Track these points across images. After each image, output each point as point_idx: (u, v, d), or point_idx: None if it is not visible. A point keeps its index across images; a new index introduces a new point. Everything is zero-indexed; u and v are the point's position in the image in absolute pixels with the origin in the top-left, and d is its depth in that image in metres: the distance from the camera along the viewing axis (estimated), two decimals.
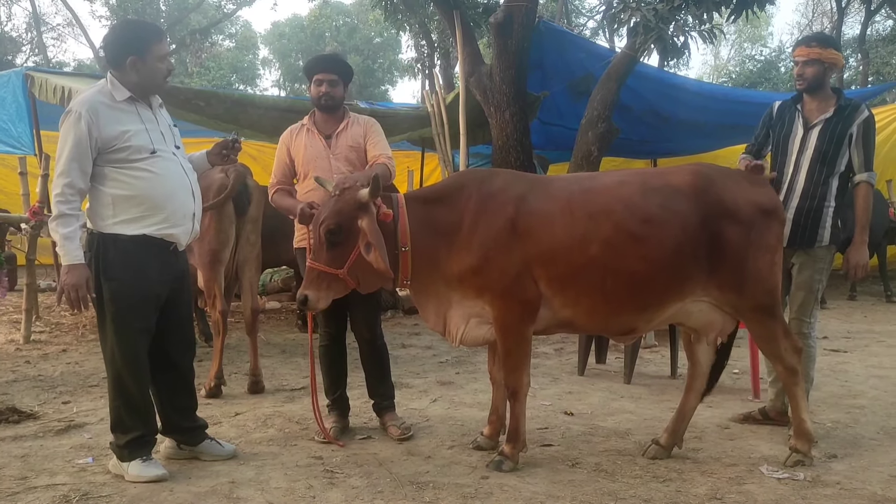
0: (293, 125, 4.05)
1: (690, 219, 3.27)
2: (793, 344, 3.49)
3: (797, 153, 3.85)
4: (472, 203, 3.31)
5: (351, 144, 3.90)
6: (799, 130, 3.86)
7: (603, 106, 7.86)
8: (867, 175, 3.79)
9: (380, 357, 4.02)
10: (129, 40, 3.14)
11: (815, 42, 3.87)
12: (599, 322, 3.45)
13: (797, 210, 3.84)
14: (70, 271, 3.03)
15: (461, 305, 3.35)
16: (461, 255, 3.27)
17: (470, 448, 3.69)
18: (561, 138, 9.30)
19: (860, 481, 3.30)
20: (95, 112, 3.04)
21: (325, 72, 3.91)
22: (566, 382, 5.16)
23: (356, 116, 4.01)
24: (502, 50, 8.08)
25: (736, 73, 30.66)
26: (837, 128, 3.76)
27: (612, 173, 3.84)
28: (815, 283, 3.87)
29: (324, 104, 3.92)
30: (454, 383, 5.09)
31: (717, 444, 3.83)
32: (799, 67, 3.85)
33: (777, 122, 4.00)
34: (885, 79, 19.14)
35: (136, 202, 3.13)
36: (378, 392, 4.04)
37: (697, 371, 3.66)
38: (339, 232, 3.24)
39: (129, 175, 3.11)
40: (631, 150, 11.02)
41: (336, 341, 4.00)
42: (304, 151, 3.90)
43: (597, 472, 3.41)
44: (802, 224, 3.83)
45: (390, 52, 33.22)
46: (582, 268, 3.23)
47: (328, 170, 3.82)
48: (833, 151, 3.77)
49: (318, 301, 3.30)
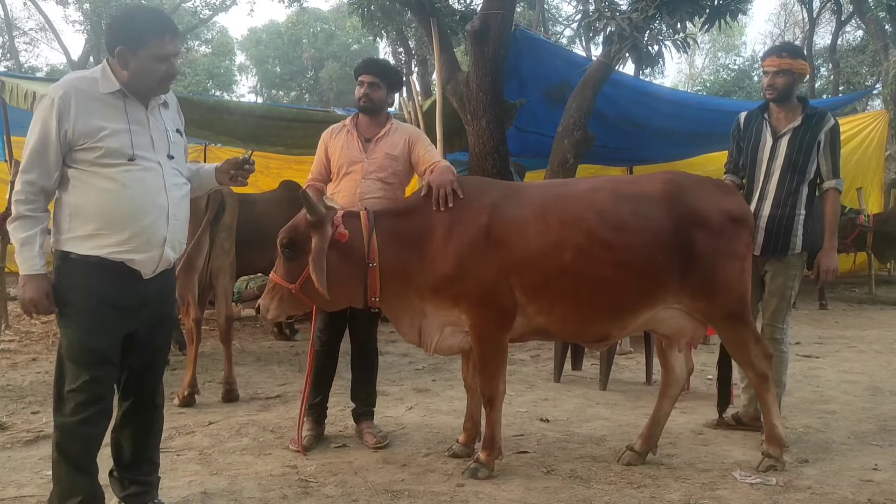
0: (335, 124, 4.03)
1: (662, 226, 3.29)
2: (763, 350, 3.53)
3: (767, 162, 3.90)
4: (445, 212, 3.31)
5: (388, 152, 3.85)
6: (768, 140, 3.91)
7: (579, 114, 7.89)
8: (835, 182, 3.86)
9: (370, 361, 4.06)
10: (125, 28, 2.63)
11: (786, 52, 3.92)
12: (573, 329, 3.47)
13: (769, 219, 3.89)
14: (27, 283, 2.57)
15: (435, 315, 3.35)
16: (436, 266, 3.26)
17: (446, 456, 3.68)
18: (538, 145, 9.32)
19: (831, 485, 3.34)
20: (69, 99, 2.53)
21: (367, 73, 3.91)
22: (542, 389, 5.17)
23: (398, 124, 3.97)
24: (479, 58, 8.09)
25: (710, 81, 31.05)
26: (806, 136, 3.82)
27: (586, 180, 3.87)
28: (787, 289, 3.92)
29: (363, 105, 3.91)
30: (430, 391, 5.07)
31: (690, 450, 3.86)
32: (770, 78, 3.89)
33: (745, 132, 4.05)
34: (855, 88, 19.48)
35: (93, 217, 2.58)
36: (360, 396, 4.03)
37: (671, 378, 3.68)
38: (293, 247, 3.27)
39: (93, 183, 2.58)
40: (607, 157, 11.07)
41: (329, 348, 3.99)
42: (339, 152, 3.88)
43: (572, 479, 3.41)
44: (775, 232, 3.88)
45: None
46: (556, 275, 3.24)
47: (360, 173, 3.82)
48: (803, 160, 3.83)
49: (268, 310, 3.34)
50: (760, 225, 3.86)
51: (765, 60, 3.97)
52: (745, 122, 4.08)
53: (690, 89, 33.36)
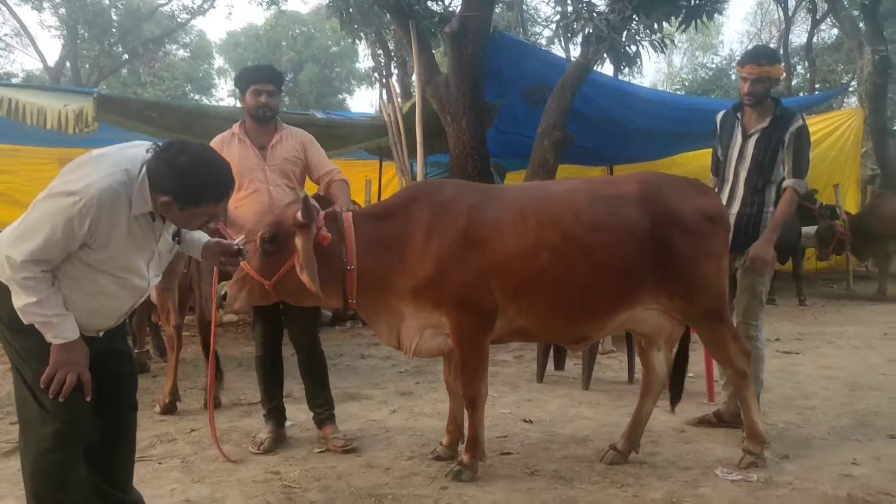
0: (222, 133, 3.97)
1: (639, 227, 3.31)
2: (742, 348, 3.56)
3: (736, 162, 3.95)
4: (424, 215, 3.31)
5: (287, 157, 3.87)
6: (738, 139, 3.96)
7: (558, 114, 7.92)
8: (794, 181, 3.90)
9: (318, 366, 4.01)
10: (185, 185, 2.32)
11: (765, 59, 3.93)
12: (553, 330, 3.49)
13: (738, 217, 3.94)
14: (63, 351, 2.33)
15: (415, 317, 3.34)
16: (415, 268, 3.26)
17: (429, 458, 3.68)
18: (518, 146, 9.33)
19: (811, 481, 3.38)
20: (101, 213, 2.26)
21: (263, 82, 3.87)
22: (525, 390, 5.18)
23: (289, 129, 3.98)
24: (458, 59, 8.10)
25: (689, 80, 31.24)
26: (773, 137, 3.87)
27: (563, 182, 3.89)
28: (758, 286, 3.96)
29: (262, 115, 3.87)
30: (413, 393, 5.07)
31: (673, 448, 3.88)
32: (749, 85, 3.89)
33: (722, 132, 4.10)
34: (831, 86, 19.70)
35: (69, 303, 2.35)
36: (317, 403, 4.00)
37: (652, 376, 3.71)
38: (274, 242, 3.24)
39: (83, 276, 2.36)
40: (587, 157, 11.11)
41: (271, 351, 3.97)
42: (237, 162, 3.77)
43: (555, 480, 3.43)
44: (744, 230, 3.92)
45: (347, 61, 33.08)
46: (535, 277, 3.26)
47: (264, 181, 3.82)
48: (769, 160, 3.88)
49: (234, 300, 3.30)
50: (731, 223, 3.88)
51: (744, 66, 3.96)
52: (722, 122, 4.13)
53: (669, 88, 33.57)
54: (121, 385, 2.62)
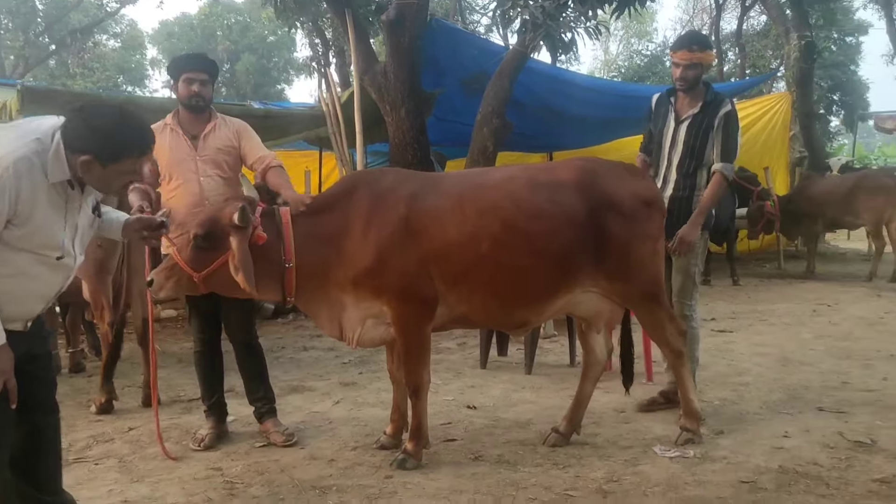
0: (156, 124, 3.79)
1: (577, 212, 3.36)
2: (678, 328, 3.66)
3: (669, 147, 4.03)
4: (363, 205, 3.30)
5: (220, 147, 3.79)
6: (671, 125, 4.03)
7: (496, 102, 7.95)
8: (722, 165, 4.00)
9: (256, 360, 3.96)
10: (104, 143, 2.23)
11: (696, 46, 4.00)
12: (494, 316, 3.52)
13: (671, 200, 4.01)
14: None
15: (356, 308, 3.33)
16: (355, 259, 3.25)
17: (374, 448, 3.68)
18: (457, 134, 9.34)
19: (745, 455, 3.49)
20: (22, 178, 2.15)
21: (195, 71, 3.78)
22: (469, 376, 5.21)
23: (223, 118, 3.90)
24: (395, 48, 8.05)
25: (625, 67, 31.73)
26: (703, 122, 3.95)
27: (502, 169, 3.91)
28: (692, 267, 4.05)
29: (194, 104, 3.78)
30: (357, 383, 5.04)
31: (613, 428, 3.96)
32: (682, 70, 3.95)
33: (655, 114, 4.17)
34: (760, 71, 20.25)
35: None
36: (257, 397, 3.95)
37: (592, 359, 3.77)
38: (208, 239, 3.20)
39: (2, 255, 2.20)
40: (527, 144, 11.19)
41: (209, 347, 3.92)
42: (168, 153, 3.74)
43: (499, 464, 3.46)
44: (676, 213, 4.00)
45: (285, 51, 32.58)
46: (475, 264, 3.27)
47: (195, 172, 3.74)
48: (700, 144, 3.96)
49: (160, 289, 3.25)
50: (671, 213, 3.96)
51: (676, 52, 4.01)
52: (657, 105, 4.18)
53: (606, 75, 34.02)
54: (40, 388, 2.48)
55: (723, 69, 21.87)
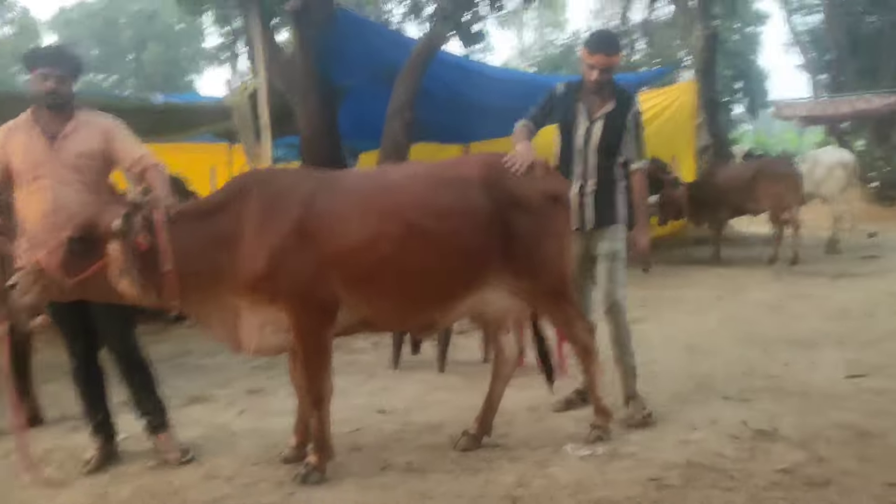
0: (9, 122, 3.54)
1: (483, 210, 3.27)
2: (586, 325, 3.63)
3: (584, 144, 3.93)
4: (255, 207, 3.13)
5: (81, 150, 3.45)
6: (584, 123, 3.93)
7: (407, 95, 7.84)
8: (642, 163, 4.01)
9: (139, 372, 3.66)
10: None
11: (613, 50, 3.91)
12: (399, 319, 3.42)
13: (593, 195, 3.94)
14: None
15: (252, 314, 3.16)
16: (249, 264, 3.08)
17: (277, 462, 3.51)
18: (369, 127, 9.14)
19: (654, 450, 3.51)
20: None
21: (48, 66, 3.44)
22: (382, 377, 5.09)
23: (88, 116, 3.55)
24: (302, 39, 7.83)
25: (540, 57, 32.12)
26: (617, 120, 3.90)
27: (405, 167, 3.80)
28: (619, 252, 3.94)
29: (50, 103, 3.45)
30: (264, 390, 4.83)
31: (525, 427, 3.92)
32: (598, 73, 3.83)
33: (560, 104, 4.01)
34: (668, 61, 20.77)
35: None
36: (145, 410, 3.67)
37: (502, 359, 3.71)
38: (83, 243, 3.00)
39: None
40: (443, 135, 11.14)
41: (86, 362, 3.62)
42: (23, 154, 3.42)
43: (408, 473, 3.36)
44: (598, 208, 3.94)
45: (194, 41, 31.52)
46: (376, 267, 3.16)
47: (50, 177, 3.39)
48: (615, 141, 3.92)
49: (25, 293, 3.00)
50: (587, 202, 3.92)
51: (593, 55, 3.85)
52: (563, 97, 4.04)
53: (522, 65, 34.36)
54: None
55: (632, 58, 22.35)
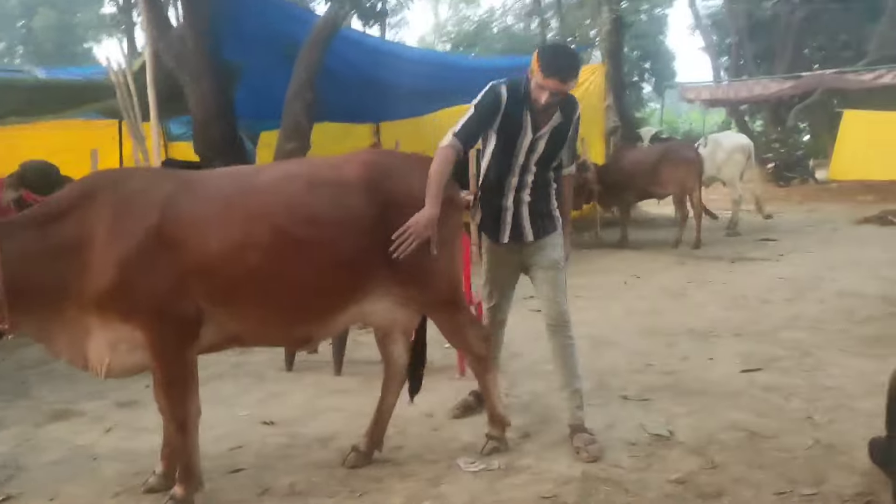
0: None
1: (364, 215, 3.01)
2: (480, 332, 3.45)
3: (526, 155, 3.56)
4: (105, 211, 2.77)
5: None
6: (529, 134, 3.53)
7: (308, 74, 7.47)
8: (572, 168, 3.82)
9: None
10: None
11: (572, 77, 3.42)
12: (271, 334, 3.13)
13: (527, 206, 3.64)
14: None
15: (103, 332, 2.82)
16: (98, 276, 2.73)
17: (141, 493, 3.17)
18: (269, 107, 8.70)
19: (549, 461, 3.37)
20: None
21: None
22: (272, 382, 4.77)
23: None
24: (192, 12, 7.32)
25: (455, 32, 31.91)
26: (563, 133, 3.58)
27: (278, 167, 3.49)
28: (560, 260, 3.72)
29: None
30: (138, 402, 4.37)
31: (419, 438, 3.72)
32: (548, 96, 3.38)
33: (504, 119, 3.52)
34: (581, 40, 20.91)
35: None
36: None
37: (392, 370, 3.49)
38: None
39: None
40: (352, 115, 10.85)
41: None
42: None
43: (289, 497, 3.12)
44: (536, 219, 3.65)
45: (91, 7, 29.76)
46: (244, 278, 2.86)
47: None
48: (557, 153, 3.65)
49: None
50: (522, 213, 3.62)
51: (546, 78, 3.33)
52: (508, 106, 3.50)
53: (437, 41, 34.08)
54: None
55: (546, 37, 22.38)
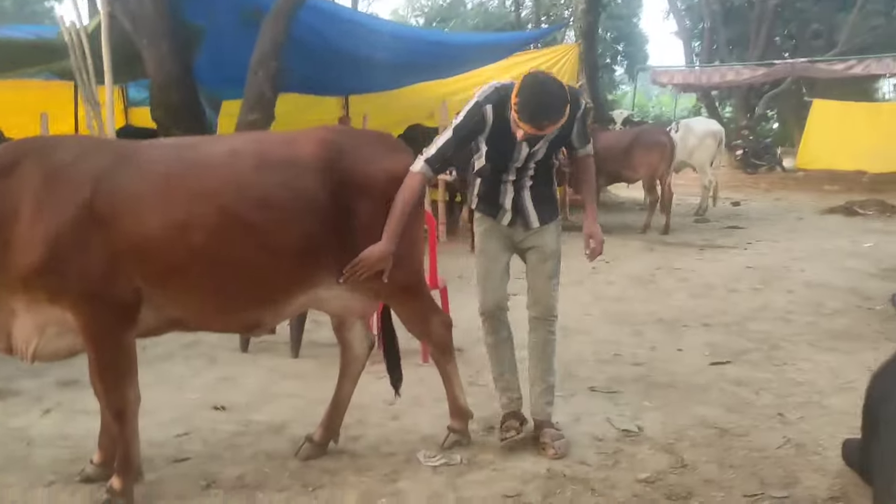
0: None
1: (318, 196, 2.80)
2: (443, 320, 3.28)
3: (525, 159, 3.33)
4: (31, 184, 2.53)
5: None
6: (524, 149, 3.28)
7: (273, 44, 7.18)
8: (589, 147, 3.52)
9: None
10: None
11: (545, 125, 3.06)
12: (215, 320, 2.92)
13: (529, 191, 3.44)
14: None
15: (30, 314, 2.59)
16: (23, 253, 2.50)
17: (76, 482, 2.95)
18: (232, 74, 8.36)
19: (514, 456, 3.24)
20: None
21: None
22: (225, 363, 4.55)
23: None
24: None
25: (429, 6, 31.48)
26: (565, 130, 3.28)
27: (225, 140, 3.24)
28: (559, 247, 3.62)
29: None
30: (80, 381, 4.02)
31: (378, 428, 3.56)
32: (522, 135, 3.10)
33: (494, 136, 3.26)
34: (555, 19, 20.73)
35: None
36: None
37: (349, 357, 3.30)
38: None
39: None
40: (320, 87, 10.61)
41: None
42: None
43: (236, 491, 2.93)
44: (540, 205, 3.48)
45: None
46: (186, 260, 2.65)
47: None
48: (559, 148, 3.44)
49: None
50: (524, 197, 3.43)
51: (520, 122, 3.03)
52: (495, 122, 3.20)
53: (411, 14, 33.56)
54: None
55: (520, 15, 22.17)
